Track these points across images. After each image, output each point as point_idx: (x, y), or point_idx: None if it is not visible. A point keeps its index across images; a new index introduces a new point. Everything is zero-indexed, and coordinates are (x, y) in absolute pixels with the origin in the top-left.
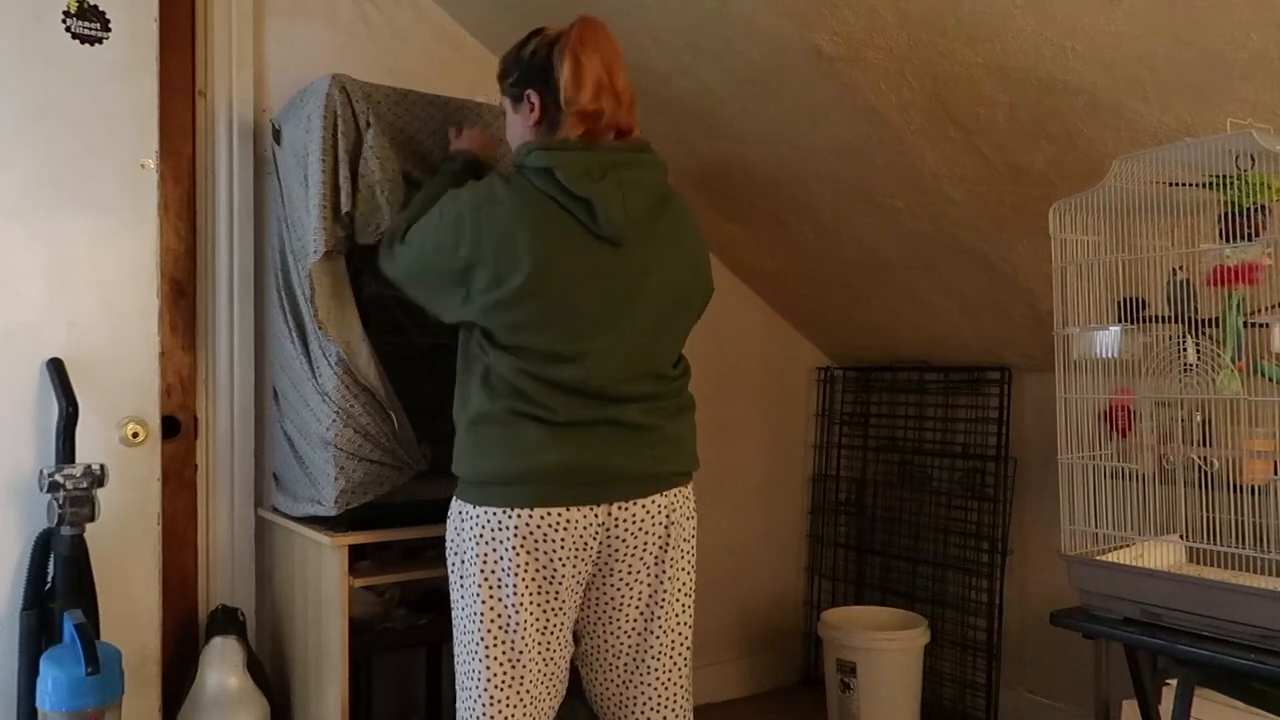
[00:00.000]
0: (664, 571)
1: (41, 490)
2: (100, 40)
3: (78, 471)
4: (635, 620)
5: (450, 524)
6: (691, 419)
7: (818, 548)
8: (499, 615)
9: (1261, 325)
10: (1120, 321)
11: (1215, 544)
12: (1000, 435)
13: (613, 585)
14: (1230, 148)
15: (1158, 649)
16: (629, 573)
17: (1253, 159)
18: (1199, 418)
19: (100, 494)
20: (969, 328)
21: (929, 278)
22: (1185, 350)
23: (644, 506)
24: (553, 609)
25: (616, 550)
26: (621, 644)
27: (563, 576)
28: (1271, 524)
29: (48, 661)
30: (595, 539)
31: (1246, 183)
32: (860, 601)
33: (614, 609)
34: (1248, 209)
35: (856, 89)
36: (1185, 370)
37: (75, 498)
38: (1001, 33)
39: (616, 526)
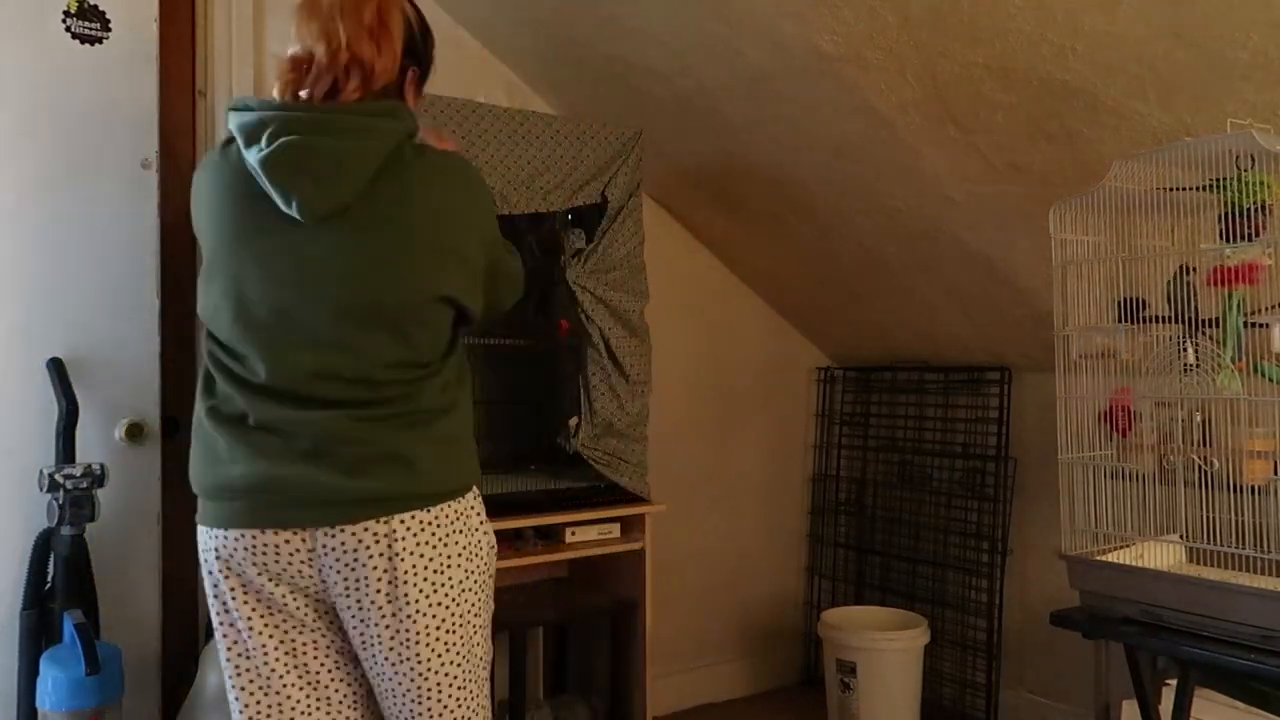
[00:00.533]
0: (400, 610)
1: (41, 490)
2: (100, 40)
3: (78, 471)
4: (383, 664)
5: None
6: (444, 430)
7: (818, 548)
8: (235, 641)
9: (1261, 325)
10: (1120, 321)
11: (1215, 544)
12: (1000, 435)
13: (348, 622)
14: (1230, 148)
15: (1158, 649)
16: (358, 608)
17: (1253, 159)
18: (1199, 418)
19: (100, 494)
20: (969, 328)
21: (929, 278)
22: (1185, 350)
23: (354, 534)
24: (294, 628)
25: (335, 584)
26: (381, 685)
27: (285, 598)
28: (1271, 524)
29: (48, 661)
30: (309, 565)
31: (1246, 183)
32: (860, 601)
33: (359, 646)
34: (1248, 209)
35: (856, 89)
36: (1185, 370)
37: (75, 498)
38: (1002, 33)
39: (326, 556)
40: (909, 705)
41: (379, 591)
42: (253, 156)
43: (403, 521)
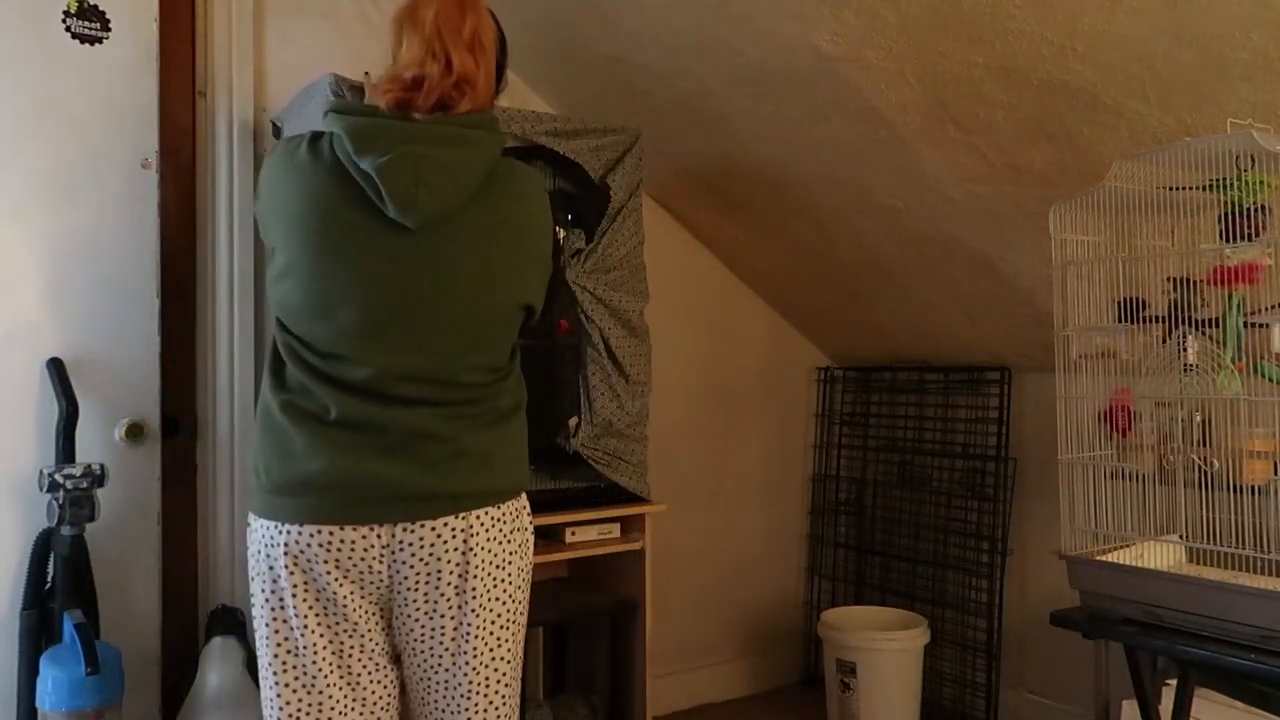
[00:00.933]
0: (466, 604)
1: (41, 490)
2: (100, 40)
3: (78, 471)
4: (442, 655)
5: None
6: (512, 431)
7: (818, 548)
8: (286, 638)
9: (1261, 325)
10: (1120, 321)
11: (1215, 544)
12: (1000, 435)
13: (411, 616)
14: (1230, 148)
15: (1158, 649)
16: (426, 601)
17: (1253, 159)
18: (1199, 418)
19: (100, 494)
20: (969, 328)
21: (929, 278)
22: (1185, 350)
23: (433, 529)
24: (345, 631)
25: (407, 578)
26: (432, 678)
27: (346, 599)
28: (1271, 524)
29: (48, 661)
30: (380, 562)
31: (1246, 183)
32: (860, 601)
33: (417, 640)
34: (1248, 209)
35: (856, 89)
36: (1185, 370)
37: (75, 498)
38: (1001, 33)
39: (402, 551)
40: (909, 705)
41: (449, 584)
42: (367, 163)
43: (478, 517)
